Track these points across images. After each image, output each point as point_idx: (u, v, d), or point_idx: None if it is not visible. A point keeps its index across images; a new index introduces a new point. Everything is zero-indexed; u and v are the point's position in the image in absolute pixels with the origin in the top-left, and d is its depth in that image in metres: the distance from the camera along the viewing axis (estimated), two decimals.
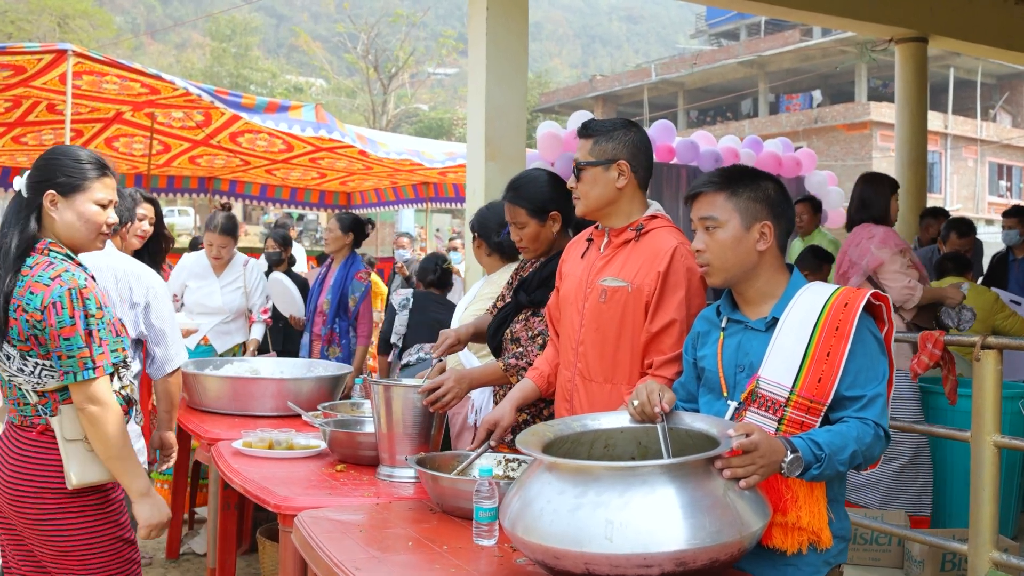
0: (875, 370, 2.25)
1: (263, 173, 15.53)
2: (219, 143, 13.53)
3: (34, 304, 2.62)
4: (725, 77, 37.74)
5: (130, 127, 12.86)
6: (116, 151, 13.95)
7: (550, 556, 1.95)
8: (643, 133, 2.88)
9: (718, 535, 1.90)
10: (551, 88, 46.33)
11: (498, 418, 3.00)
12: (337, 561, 2.25)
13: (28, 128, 12.51)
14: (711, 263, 2.42)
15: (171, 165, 14.87)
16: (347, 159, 14.05)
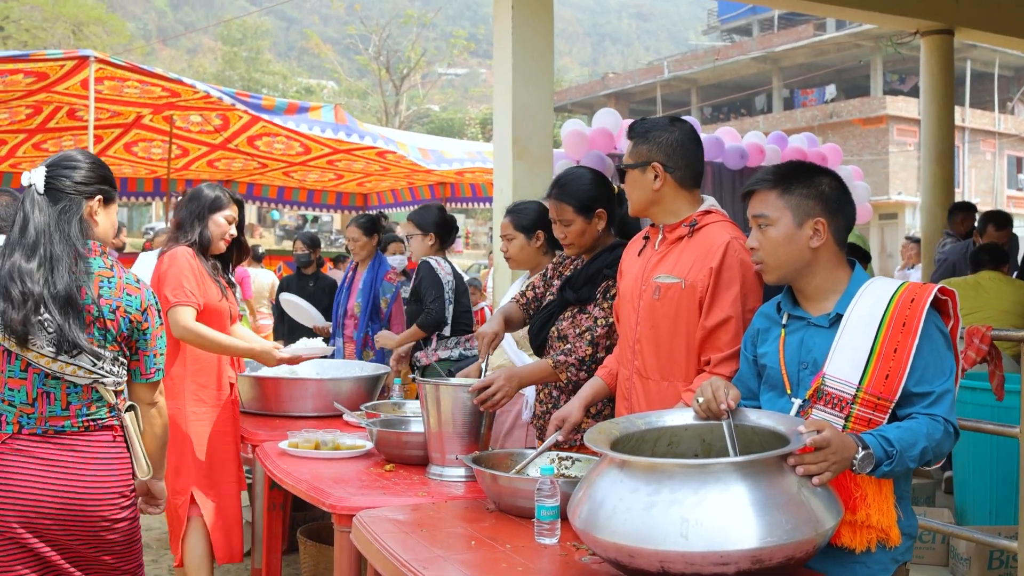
0: (943, 366, 2.24)
1: (280, 175, 15.56)
2: (237, 146, 13.56)
3: (135, 306, 2.72)
4: (738, 73, 37.64)
5: (149, 131, 12.90)
6: (135, 155, 14.01)
7: (624, 554, 1.94)
8: (686, 131, 2.87)
9: (794, 532, 1.89)
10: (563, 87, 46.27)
11: (567, 415, 3.00)
12: (404, 560, 2.25)
13: (49, 134, 12.57)
14: (764, 261, 2.41)
15: (189, 169, 14.90)
16: (364, 160, 14.06)
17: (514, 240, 3.92)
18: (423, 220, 5.20)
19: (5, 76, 9.47)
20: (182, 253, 3.88)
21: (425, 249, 5.17)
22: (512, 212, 3.97)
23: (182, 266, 3.84)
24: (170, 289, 3.80)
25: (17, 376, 2.60)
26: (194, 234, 3.94)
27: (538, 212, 3.90)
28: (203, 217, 3.97)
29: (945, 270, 7.18)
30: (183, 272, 3.83)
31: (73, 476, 2.61)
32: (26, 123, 11.94)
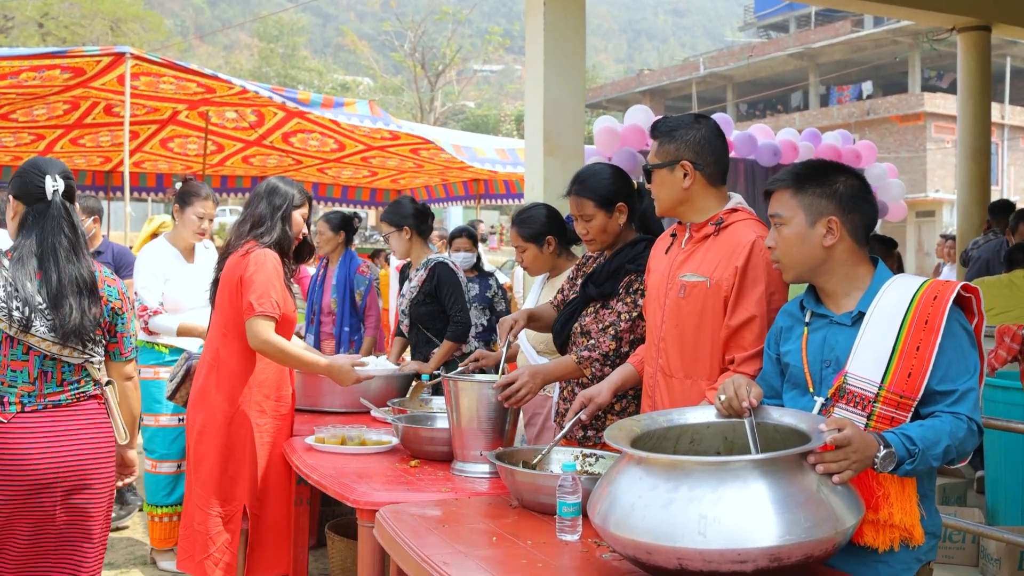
0: (966, 363, 2.21)
1: (315, 172, 15.67)
2: (272, 143, 13.67)
3: (115, 295, 3.12)
4: (774, 70, 37.35)
5: (184, 128, 13.03)
6: (171, 151, 14.16)
7: (642, 551, 1.94)
8: (711, 127, 2.85)
9: (813, 530, 1.88)
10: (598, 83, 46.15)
11: (594, 395, 3.00)
12: (424, 556, 2.27)
13: (85, 130, 12.73)
14: (780, 260, 2.42)
15: (224, 165, 15.05)
16: (398, 157, 14.13)
17: (526, 251, 3.91)
18: (394, 216, 5.06)
19: (43, 72, 9.61)
20: (271, 259, 3.73)
21: (405, 244, 5.05)
22: (517, 223, 3.94)
23: (270, 273, 3.69)
24: (256, 297, 3.64)
25: (20, 359, 2.91)
26: (275, 232, 3.81)
27: (543, 219, 3.87)
28: (287, 214, 3.85)
29: (979, 268, 7.09)
30: (271, 281, 3.68)
31: (72, 440, 2.97)
32: (63, 118, 12.11)
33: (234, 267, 3.77)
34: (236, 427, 3.74)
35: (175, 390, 4.19)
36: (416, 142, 12.72)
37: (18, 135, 12.89)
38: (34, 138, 13.04)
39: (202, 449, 3.77)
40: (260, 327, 3.65)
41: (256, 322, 3.64)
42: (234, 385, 3.76)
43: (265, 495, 3.81)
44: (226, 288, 3.79)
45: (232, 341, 3.79)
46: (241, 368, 3.78)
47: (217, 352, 3.82)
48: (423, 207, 5.16)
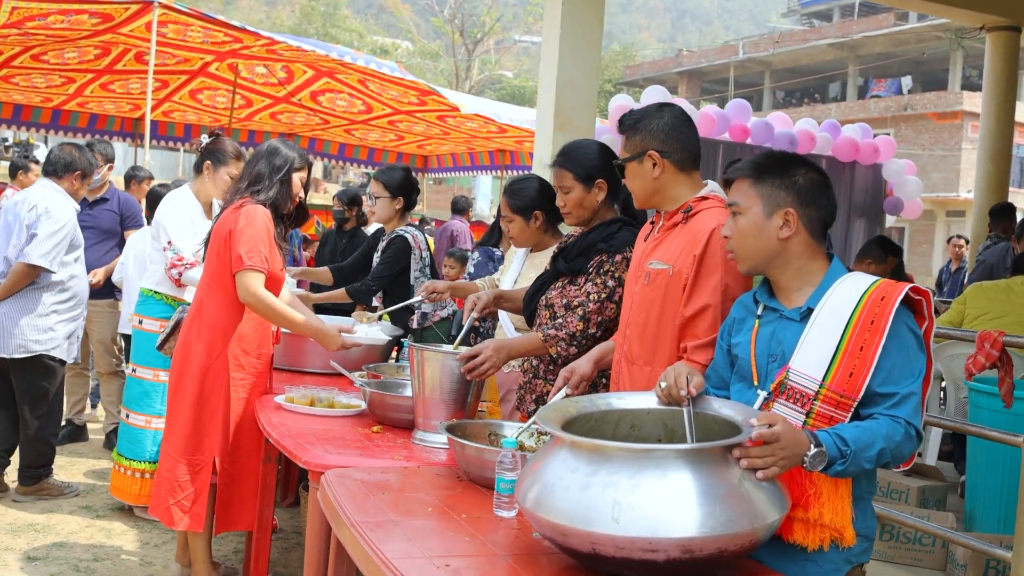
0: (910, 367, 2.18)
1: (342, 132, 15.71)
2: (300, 101, 13.70)
3: None
4: (814, 59, 36.91)
5: (214, 80, 13.07)
6: (200, 103, 14.22)
7: (558, 533, 1.94)
8: (675, 113, 2.83)
9: (729, 525, 1.86)
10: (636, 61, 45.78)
11: (575, 367, 2.98)
12: (354, 521, 2.27)
13: (116, 76, 12.78)
14: (735, 250, 2.39)
15: (252, 120, 15.09)
16: (425, 123, 14.12)
17: (513, 222, 3.88)
18: (391, 181, 4.97)
19: (71, 16, 9.64)
20: (262, 215, 3.75)
21: (391, 212, 5.00)
22: (509, 193, 3.92)
23: (260, 229, 3.71)
24: (245, 250, 3.67)
25: None
26: (272, 191, 3.82)
27: (533, 192, 3.85)
28: (286, 176, 3.86)
29: (982, 272, 7.00)
30: (260, 235, 3.71)
31: None
32: (94, 63, 12.18)
33: (225, 220, 3.79)
34: (212, 379, 3.77)
35: (164, 341, 4.22)
36: (443, 109, 12.72)
37: (49, 76, 12.97)
38: (64, 80, 13.13)
39: (177, 398, 3.81)
40: (249, 280, 3.68)
41: (245, 275, 3.68)
42: (214, 337, 3.79)
43: (236, 450, 3.84)
44: (216, 240, 3.81)
45: (215, 292, 3.81)
46: (222, 320, 3.81)
47: (201, 303, 3.86)
48: (415, 182, 5.14)
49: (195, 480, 3.77)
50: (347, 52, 10.99)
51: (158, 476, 3.85)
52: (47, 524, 4.74)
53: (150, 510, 3.94)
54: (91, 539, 4.57)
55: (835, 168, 8.86)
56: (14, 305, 4.98)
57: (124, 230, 6.21)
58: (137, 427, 4.73)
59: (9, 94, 13.93)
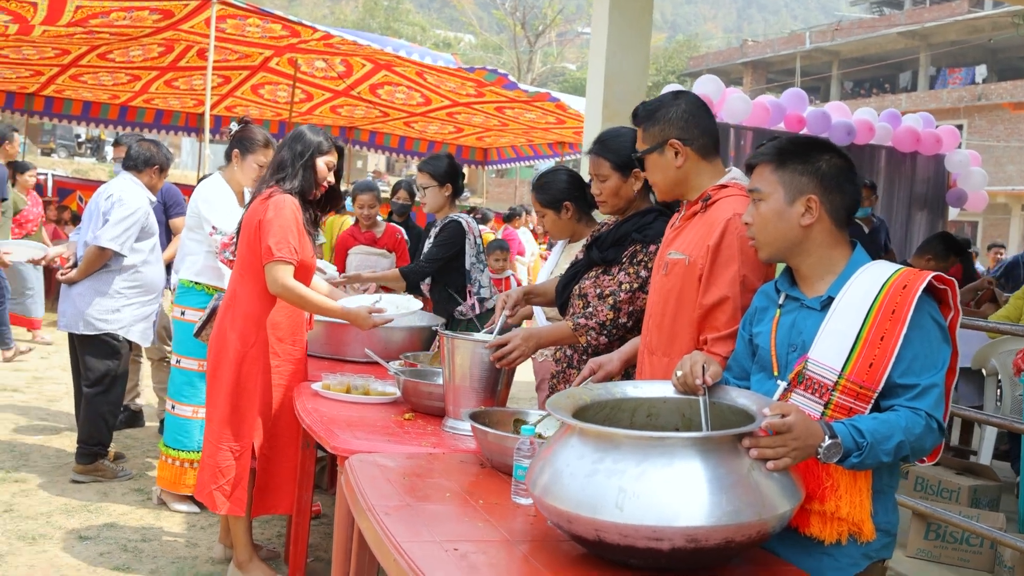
0: (933, 358, 2.13)
1: (401, 125, 15.82)
2: (359, 94, 13.82)
3: None
4: (884, 47, 36.14)
5: (275, 75, 13.24)
6: (261, 98, 14.44)
7: (564, 520, 1.93)
8: (692, 100, 2.79)
9: (736, 515, 1.84)
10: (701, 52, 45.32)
11: (604, 362, 2.98)
12: (371, 504, 2.30)
13: (180, 73, 13.04)
14: (756, 236, 2.35)
15: (313, 113, 15.27)
16: (484, 115, 14.16)
17: (545, 216, 3.88)
18: (437, 170, 4.99)
19: (132, 12, 9.84)
20: (290, 204, 3.79)
21: (442, 200, 5.01)
22: (537, 189, 3.91)
23: (288, 219, 3.75)
24: (274, 241, 3.72)
25: None
26: (297, 178, 3.85)
27: (561, 185, 3.84)
28: (310, 161, 3.88)
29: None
30: (289, 226, 3.75)
31: None
32: (158, 60, 12.43)
33: (254, 211, 3.85)
34: (248, 367, 3.84)
35: (201, 328, 4.30)
36: (501, 100, 12.74)
37: (115, 75, 13.28)
38: (130, 78, 13.42)
39: (216, 386, 3.89)
40: (279, 272, 3.73)
41: (275, 267, 3.73)
42: (247, 326, 3.86)
43: (274, 436, 3.93)
44: (246, 231, 3.87)
45: (248, 282, 3.88)
46: (255, 309, 3.87)
47: (234, 292, 3.93)
48: (460, 168, 5.15)
49: (236, 466, 3.85)
50: (403, 46, 11.07)
51: (202, 462, 3.95)
52: (100, 506, 4.86)
53: (195, 494, 4.04)
54: (140, 520, 4.68)
55: (895, 159, 8.68)
56: (88, 285, 5.24)
57: (169, 219, 6.37)
58: (183, 417, 4.81)
59: (79, 92, 14.31)
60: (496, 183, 35.39)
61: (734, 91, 8.18)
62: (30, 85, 13.90)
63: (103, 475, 5.25)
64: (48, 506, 4.79)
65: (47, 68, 12.87)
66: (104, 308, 5.23)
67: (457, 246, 4.96)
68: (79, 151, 32.20)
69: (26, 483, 5.15)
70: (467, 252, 4.99)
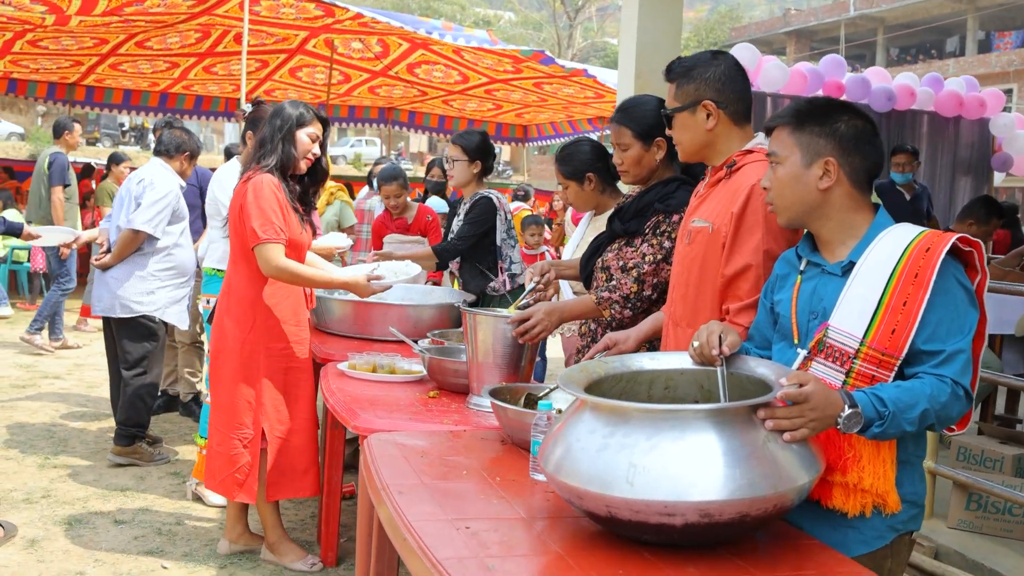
0: (959, 323, 2.04)
1: (440, 104, 15.79)
2: (397, 74, 13.80)
3: None
4: (930, 12, 35.32)
5: (312, 57, 13.26)
6: (299, 80, 14.47)
7: (575, 496, 1.89)
8: (731, 63, 2.69)
9: (750, 488, 1.78)
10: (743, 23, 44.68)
11: (620, 340, 2.91)
12: (385, 483, 2.27)
13: (217, 58, 13.11)
14: (773, 201, 2.27)
15: (351, 95, 15.28)
16: (522, 91, 14.07)
17: (568, 188, 3.82)
18: (470, 144, 4.91)
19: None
20: (267, 184, 3.72)
21: (469, 176, 4.93)
22: (560, 160, 3.84)
23: (268, 199, 3.69)
24: (258, 224, 3.67)
25: None
26: (276, 154, 3.77)
27: (585, 155, 3.77)
28: (288, 134, 3.79)
29: None
30: (270, 206, 3.69)
31: None
32: (196, 46, 12.50)
33: (237, 195, 3.81)
34: (248, 352, 3.80)
35: (212, 315, 4.30)
36: (539, 75, 12.64)
37: (154, 62, 13.38)
38: (169, 65, 13.52)
39: (217, 374, 3.87)
40: (269, 253, 3.69)
41: (264, 249, 3.69)
42: (243, 311, 3.82)
43: (284, 419, 3.87)
44: (232, 216, 3.84)
45: (240, 267, 3.84)
46: (249, 294, 3.83)
47: (228, 279, 3.91)
48: (492, 146, 5.09)
49: (247, 452, 3.82)
50: (435, 28, 10.97)
51: (210, 450, 3.92)
52: (137, 490, 4.91)
53: (206, 483, 4.02)
54: (176, 504, 4.72)
55: (938, 124, 8.47)
56: (123, 269, 5.31)
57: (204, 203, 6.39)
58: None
59: (119, 80, 14.46)
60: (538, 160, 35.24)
61: (771, 59, 8.01)
62: (71, 75, 14.08)
63: (140, 458, 5.30)
64: (85, 491, 4.85)
65: (86, 58, 13.01)
66: (139, 290, 5.29)
67: (488, 223, 4.91)
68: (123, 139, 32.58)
69: (65, 468, 5.22)
70: (498, 228, 4.93)
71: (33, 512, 4.49)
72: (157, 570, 3.93)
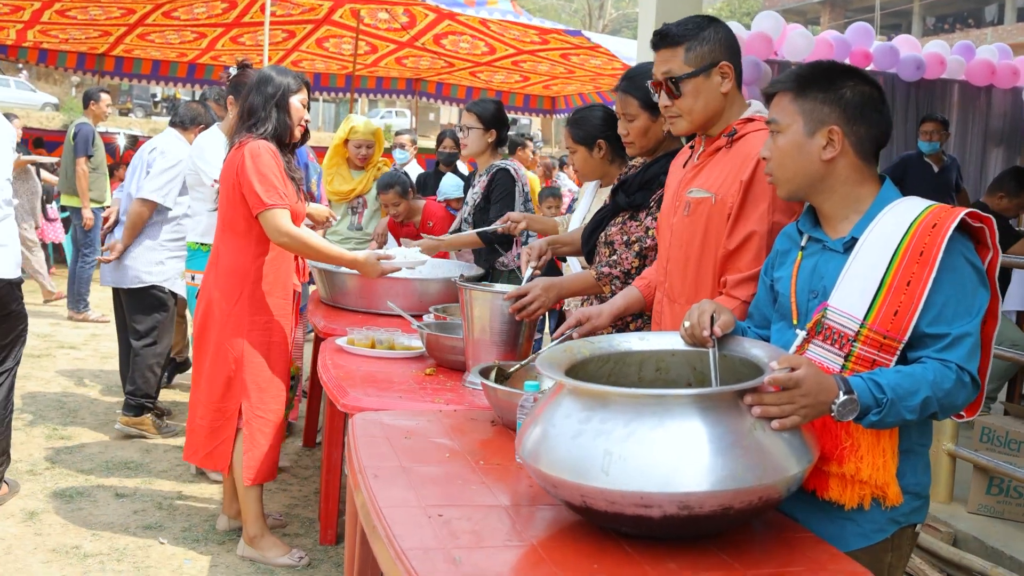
0: (967, 304, 1.90)
1: (467, 76, 15.63)
2: (423, 45, 13.65)
3: None
4: None
5: (339, 27, 13.14)
6: (326, 51, 14.36)
7: (550, 484, 1.79)
8: (726, 25, 2.56)
9: (732, 479, 1.67)
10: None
11: (592, 315, 2.77)
12: (362, 466, 2.18)
13: (244, 29, 13.02)
14: (773, 172, 2.12)
15: (378, 66, 15.16)
16: (549, 63, 13.88)
17: (576, 153, 3.64)
18: (485, 112, 4.73)
19: None
20: (265, 149, 3.56)
21: (484, 145, 4.75)
22: (571, 123, 3.67)
23: (269, 164, 3.53)
24: (262, 189, 3.50)
25: None
26: (271, 121, 3.62)
27: (598, 121, 3.60)
28: (283, 101, 3.64)
29: None
30: (272, 171, 3.53)
31: None
32: (222, 17, 12.43)
33: (231, 163, 3.65)
34: (232, 326, 3.67)
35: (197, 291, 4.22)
36: (566, 47, 12.46)
37: (182, 32, 13.31)
38: (196, 36, 13.46)
39: (201, 346, 3.75)
40: (276, 218, 3.53)
41: (270, 214, 3.54)
42: (231, 282, 3.68)
43: (263, 394, 3.72)
44: (225, 185, 3.68)
45: (229, 238, 3.70)
46: (239, 265, 3.68)
47: (216, 249, 3.75)
48: (506, 116, 4.94)
49: (226, 426, 3.70)
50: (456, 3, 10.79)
51: (191, 423, 3.80)
52: (140, 463, 4.87)
53: (184, 455, 3.91)
54: (178, 478, 4.68)
55: (969, 93, 8.20)
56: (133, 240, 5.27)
57: None
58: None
59: (147, 51, 14.41)
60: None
61: (795, 27, 7.78)
62: (100, 45, 14.04)
63: (147, 430, 5.26)
64: (90, 463, 4.81)
65: (114, 28, 12.96)
66: (149, 260, 5.26)
67: (514, 195, 4.78)
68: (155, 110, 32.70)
69: (71, 439, 5.20)
70: (516, 200, 4.79)
71: (36, 484, 4.46)
72: (154, 545, 3.88)
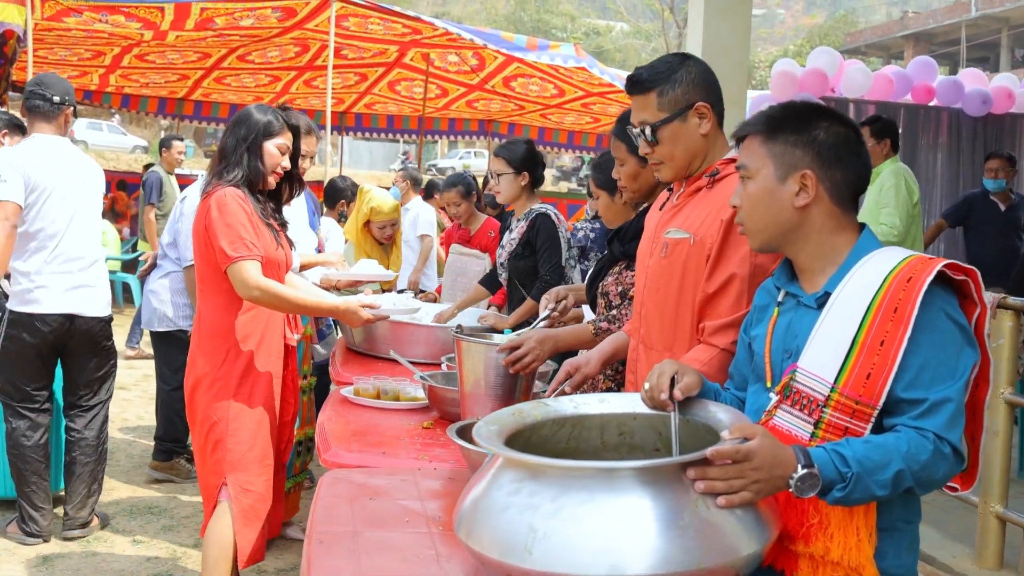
0: (948, 366, 1.72)
1: (538, 117, 15.67)
2: (493, 87, 13.72)
3: None
4: None
5: (410, 71, 13.29)
6: (398, 94, 14.53)
7: (480, 561, 1.66)
8: (700, 62, 2.43)
9: (669, 562, 1.51)
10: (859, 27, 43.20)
11: (581, 364, 2.66)
12: (312, 529, 2.08)
13: (317, 72, 13.23)
14: (744, 221, 1.96)
15: (449, 108, 15.28)
16: (618, 104, 13.80)
17: (599, 198, 3.43)
18: (514, 156, 4.55)
19: (255, 11, 9.99)
20: (232, 197, 3.28)
21: (518, 190, 4.58)
22: (594, 167, 3.44)
23: (235, 213, 3.25)
24: (227, 242, 3.22)
25: None
26: (241, 166, 3.35)
27: None
28: (254, 145, 3.37)
29: None
30: (238, 220, 3.25)
31: None
32: (295, 60, 12.69)
33: (199, 214, 3.37)
34: (216, 391, 3.34)
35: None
36: None
37: (256, 76, 13.62)
38: (271, 79, 13.76)
39: (194, 417, 3.43)
40: (244, 272, 3.23)
41: (238, 268, 3.23)
42: (214, 343, 3.37)
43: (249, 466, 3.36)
44: (196, 238, 3.40)
45: (208, 296, 3.41)
46: (218, 324, 3.38)
47: (199, 311, 3.47)
48: (540, 155, 4.79)
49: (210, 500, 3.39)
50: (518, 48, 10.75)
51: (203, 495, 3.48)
52: (165, 507, 4.86)
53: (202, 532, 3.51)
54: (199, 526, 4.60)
55: None
56: (161, 282, 5.22)
57: None
58: None
59: (224, 95, 14.78)
60: None
61: (853, 62, 7.56)
62: (179, 90, 14.45)
63: (177, 474, 5.25)
64: (115, 508, 4.81)
65: (192, 72, 13.32)
66: (175, 304, 5.21)
67: (559, 241, 4.56)
68: None
69: None
70: (562, 248, 4.62)
71: (57, 525, 4.44)
72: None
